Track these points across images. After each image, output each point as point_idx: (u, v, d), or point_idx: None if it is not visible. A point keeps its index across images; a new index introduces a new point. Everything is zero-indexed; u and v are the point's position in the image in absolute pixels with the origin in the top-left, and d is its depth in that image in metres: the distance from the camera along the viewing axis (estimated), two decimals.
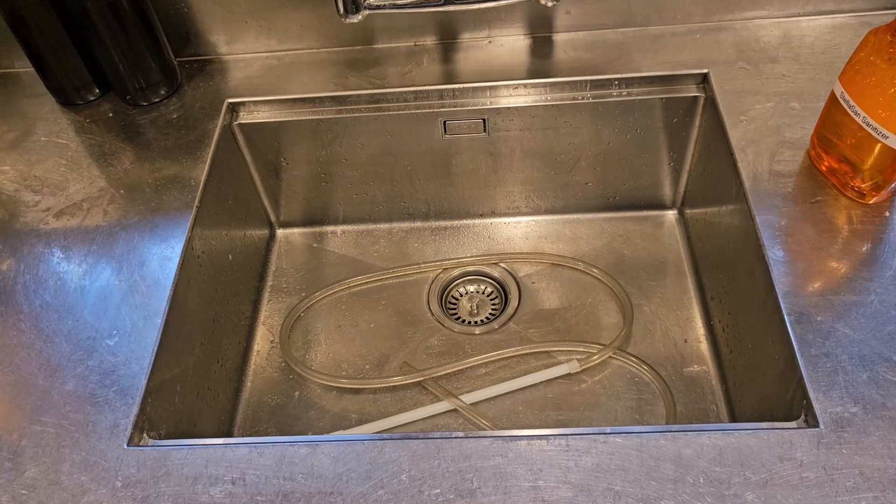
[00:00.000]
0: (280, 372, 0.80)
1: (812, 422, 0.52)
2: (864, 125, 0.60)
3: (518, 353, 0.78)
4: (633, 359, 0.76)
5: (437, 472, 0.51)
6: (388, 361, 0.80)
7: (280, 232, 0.93)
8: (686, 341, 0.78)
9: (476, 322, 0.83)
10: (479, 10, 0.82)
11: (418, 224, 0.92)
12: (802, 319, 0.57)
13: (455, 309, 0.85)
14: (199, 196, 0.72)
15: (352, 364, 0.80)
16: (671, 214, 0.89)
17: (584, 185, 0.87)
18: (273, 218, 0.92)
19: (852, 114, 0.61)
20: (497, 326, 0.82)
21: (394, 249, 0.91)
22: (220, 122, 0.79)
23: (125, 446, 0.55)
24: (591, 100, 0.78)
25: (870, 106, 0.59)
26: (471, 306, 0.85)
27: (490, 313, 0.84)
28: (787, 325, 0.57)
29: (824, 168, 0.66)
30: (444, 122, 0.81)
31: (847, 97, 0.61)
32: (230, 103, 0.81)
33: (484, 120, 0.80)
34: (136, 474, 0.53)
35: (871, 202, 0.64)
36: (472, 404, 0.75)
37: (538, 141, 0.82)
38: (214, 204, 0.76)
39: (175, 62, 0.84)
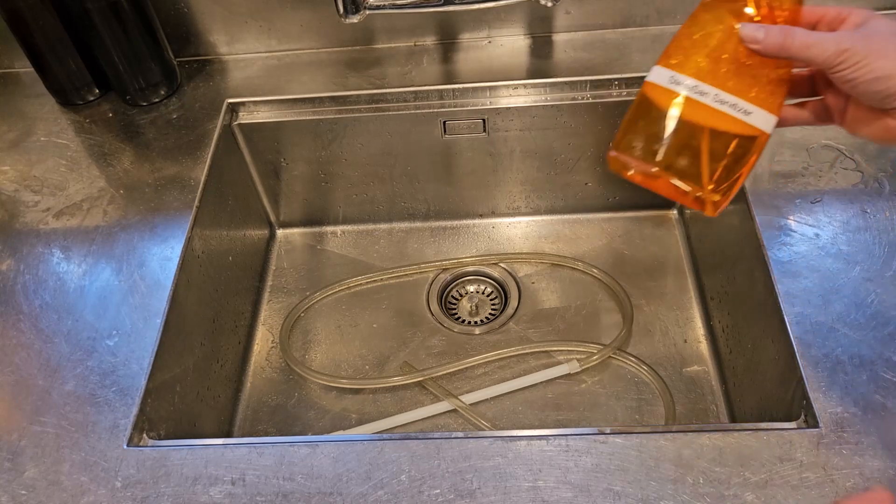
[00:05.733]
0: (280, 372, 0.80)
1: (812, 422, 0.52)
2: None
3: (518, 352, 0.78)
4: (633, 359, 0.76)
5: (437, 473, 0.51)
6: (388, 361, 0.80)
7: (280, 232, 0.93)
8: (686, 341, 0.78)
9: (476, 322, 0.83)
10: (479, 10, 0.82)
11: (418, 224, 0.92)
12: (802, 319, 0.57)
13: (455, 309, 0.85)
14: (199, 196, 0.72)
15: (352, 364, 0.80)
16: (671, 214, 0.89)
17: (584, 185, 0.87)
18: (273, 218, 0.92)
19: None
20: (497, 326, 0.82)
21: (394, 249, 0.91)
22: (219, 122, 0.79)
23: (125, 446, 0.55)
24: (591, 100, 0.78)
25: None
26: (471, 306, 0.85)
27: (490, 313, 0.84)
28: (787, 325, 0.57)
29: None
30: (444, 122, 0.80)
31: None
32: (230, 103, 0.81)
33: (484, 120, 0.80)
34: (136, 474, 0.53)
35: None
36: (471, 404, 0.74)
37: (538, 141, 0.82)
38: (214, 204, 0.76)
39: (175, 62, 0.84)
